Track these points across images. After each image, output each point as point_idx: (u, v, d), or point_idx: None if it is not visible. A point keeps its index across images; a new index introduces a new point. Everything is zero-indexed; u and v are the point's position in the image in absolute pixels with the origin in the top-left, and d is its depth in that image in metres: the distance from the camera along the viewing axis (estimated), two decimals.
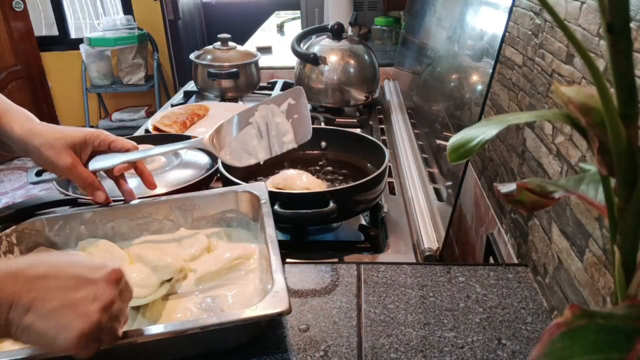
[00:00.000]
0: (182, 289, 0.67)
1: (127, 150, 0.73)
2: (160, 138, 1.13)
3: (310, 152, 1.10)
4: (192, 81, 1.69)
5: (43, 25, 3.83)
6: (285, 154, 1.06)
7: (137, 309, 0.64)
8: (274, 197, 0.78)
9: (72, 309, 0.45)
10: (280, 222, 0.78)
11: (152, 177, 0.76)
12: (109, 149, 0.73)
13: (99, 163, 0.72)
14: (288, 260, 0.80)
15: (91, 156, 0.73)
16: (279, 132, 0.78)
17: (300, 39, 1.50)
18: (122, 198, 0.75)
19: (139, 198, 0.77)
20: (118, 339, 0.50)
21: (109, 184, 0.74)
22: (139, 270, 0.65)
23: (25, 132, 0.68)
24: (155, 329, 0.52)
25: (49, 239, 0.73)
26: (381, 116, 1.53)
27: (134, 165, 0.74)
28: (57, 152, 0.68)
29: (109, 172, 0.74)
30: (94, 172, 0.72)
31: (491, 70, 0.78)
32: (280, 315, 0.53)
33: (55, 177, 0.73)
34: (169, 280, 0.67)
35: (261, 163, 0.78)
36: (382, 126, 1.45)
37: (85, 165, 0.72)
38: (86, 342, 0.46)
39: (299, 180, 0.90)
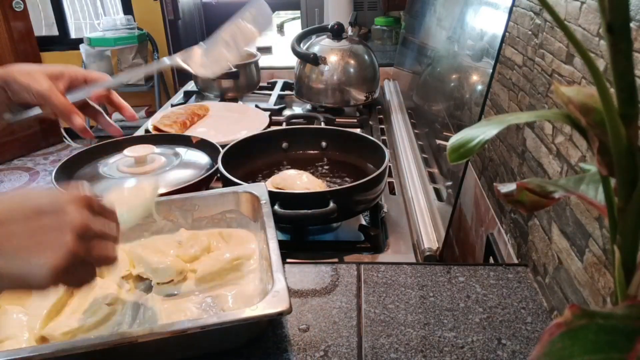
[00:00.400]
0: (182, 290, 0.67)
1: None
2: (160, 138, 1.13)
3: (310, 152, 1.10)
4: (192, 81, 1.69)
5: (43, 25, 3.83)
6: (285, 154, 1.06)
7: (137, 308, 0.64)
8: (274, 197, 0.78)
9: (39, 243, 0.42)
10: (280, 222, 0.78)
11: (130, 107, 0.75)
12: (84, 83, 0.71)
13: (75, 95, 0.71)
14: (288, 260, 0.80)
15: (68, 91, 0.71)
16: (246, 37, 0.78)
17: (300, 39, 1.50)
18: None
19: None
20: (113, 259, 0.47)
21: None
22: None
23: (4, 68, 0.68)
24: (155, 329, 0.52)
25: None
26: (381, 116, 1.53)
27: (110, 98, 0.73)
28: (34, 77, 0.67)
29: (87, 110, 0.73)
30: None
31: (491, 70, 0.78)
32: (280, 315, 0.53)
33: (35, 113, 0.71)
34: (168, 283, 0.67)
35: (232, 67, 0.79)
36: (382, 126, 1.45)
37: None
38: (65, 275, 0.42)
39: (299, 180, 0.90)
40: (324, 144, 1.10)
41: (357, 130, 1.17)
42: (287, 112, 1.48)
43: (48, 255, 0.42)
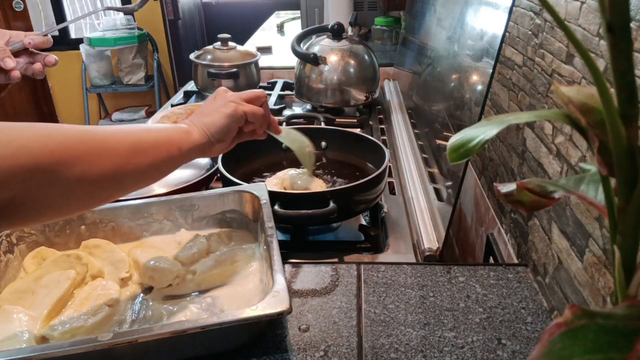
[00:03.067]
0: (182, 290, 0.67)
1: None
2: None
3: None
4: (192, 81, 1.69)
5: (43, 25, 3.83)
6: (285, 154, 1.06)
7: (137, 309, 0.64)
8: (274, 197, 0.78)
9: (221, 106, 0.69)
10: (280, 222, 0.78)
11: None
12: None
13: (13, 45, 0.80)
14: (288, 260, 0.80)
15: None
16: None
17: (300, 39, 1.50)
18: (123, 199, 0.74)
19: (139, 198, 0.77)
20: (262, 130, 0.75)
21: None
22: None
23: None
24: (155, 329, 0.52)
25: (49, 239, 0.73)
26: (381, 116, 1.53)
27: (44, 46, 0.83)
28: None
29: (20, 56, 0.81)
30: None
31: (491, 70, 0.78)
32: (280, 315, 0.53)
33: None
34: (167, 287, 0.67)
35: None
36: (382, 126, 1.45)
37: None
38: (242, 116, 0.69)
39: (299, 180, 0.90)
40: (324, 144, 1.10)
41: (357, 130, 1.17)
42: (287, 112, 1.48)
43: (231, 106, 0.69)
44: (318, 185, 0.90)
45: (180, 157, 0.61)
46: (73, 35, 3.86)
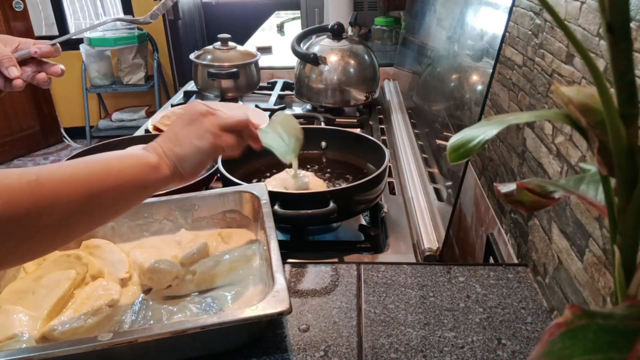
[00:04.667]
0: (182, 291, 0.67)
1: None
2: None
3: (311, 152, 1.10)
4: (192, 81, 1.69)
5: (43, 25, 3.83)
6: None
7: (137, 309, 0.64)
8: (274, 197, 0.78)
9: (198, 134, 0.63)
10: (280, 222, 0.78)
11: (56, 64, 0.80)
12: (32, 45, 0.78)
13: (20, 53, 0.77)
14: (288, 260, 0.80)
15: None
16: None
17: (300, 39, 1.50)
18: None
19: None
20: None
21: None
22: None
23: None
24: (155, 329, 0.52)
25: None
26: (381, 116, 1.53)
27: (51, 55, 0.78)
28: None
29: (27, 65, 0.77)
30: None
31: (491, 70, 0.78)
32: (280, 315, 0.53)
33: None
34: (167, 288, 0.67)
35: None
36: (382, 126, 1.45)
37: None
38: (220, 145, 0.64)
39: (300, 180, 0.90)
40: (324, 144, 1.10)
41: (357, 130, 1.17)
42: (287, 112, 1.47)
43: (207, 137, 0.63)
44: (318, 185, 0.90)
45: (146, 194, 0.58)
46: None
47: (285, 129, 0.79)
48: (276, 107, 1.50)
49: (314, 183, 0.90)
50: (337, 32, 1.46)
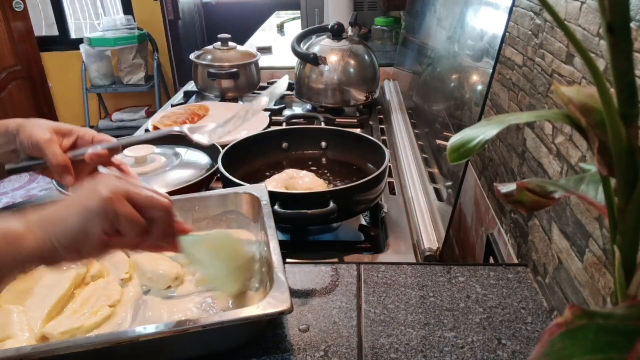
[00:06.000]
0: (182, 291, 0.67)
1: None
2: (160, 138, 1.13)
3: (311, 152, 1.10)
4: (192, 81, 1.69)
5: (43, 25, 3.83)
6: (285, 154, 1.06)
7: (137, 309, 0.64)
8: (274, 197, 0.78)
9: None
10: (280, 222, 0.78)
11: (127, 166, 0.71)
12: (91, 142, 0.68)
13: (76, 152, 0.67)
14: (288, 260, 0.80)
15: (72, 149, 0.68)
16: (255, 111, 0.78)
17: (300, 39, 1.50)
18: None
19: None
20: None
21: None
22: None
23: (23, 120, 0.66)
24: (157, 327, 0.52)
25: None
26: (381, 116, 1.53)
27: (110, 160, 0.69)
28: (41, 128, 0.64)
29: (83, 168, 0.68)
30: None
31: (491, 70, 0.78)
32: (282, 314, 0.53)
33: (34, 163, 0.65)
34: (166, 289, 0.67)
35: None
36: (382, 126, 1.45)
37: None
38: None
39: (301, 180, 0.90)
40: (324, 144, 1.10)
41: (357, 130, 1.17)
42: (287, 112, 1.48)
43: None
44: (318, 185, 0.90)
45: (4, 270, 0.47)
46: (73, 35, 3.86)
47: (221, 254, 0.61)
48: (276, 107, 1.50)
49: (314, 183, 0.90)
50: (337, 32, 1.46)
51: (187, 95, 1.67)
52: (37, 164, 0.65)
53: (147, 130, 1.30)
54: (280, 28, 2.67)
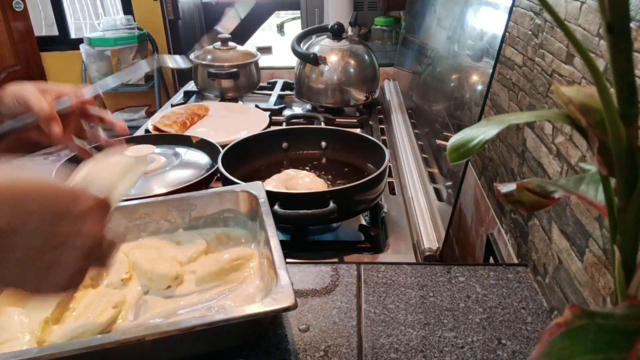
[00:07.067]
0: (183, 291, 0.67)
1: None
2: (160, 138, 1.13)
3: (310, 152, 1.10)
4: (192, 81, 1.69)
5: (43, 25, 3.83)
6: (285, 154, 1.06)
7: (138, 309, 0.64)
8: (274, 197, 0.78)
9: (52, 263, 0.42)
10: (280, 222, 0.78)
11: (108, 114, 0.74)
12: (74, 95, 0.73)
13: (61, 103, 0.70)
14: (288, 260, 0.80)
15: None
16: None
17: (300, 39, 1.50)
18: (126, 198, 0.72)
19: (137, 199, 0.77)
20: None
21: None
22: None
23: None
24: (162, 327, 0.52)
25: None
26: (381, 116, 1.53)
27: (94, 105, 0.73)
28: (22, 87, 0.67)
29: (69, 121, 0.71)
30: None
31: (491, 70, 0.78)
32: (287, 310, 0.52)
33: (23, 123, 0.67)
34: (166, 289, 0.67)
35: None
36: (382, 126, 1.45)
37: None
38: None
39: (301, 180, 0.90)
40: (324, 144, 1.10)
41: (357, 130, 1.17)
42: (287, 112, 1.48)
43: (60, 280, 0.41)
44: (318, 185, 0.90)
45: None
46: (73, 35, 3.86)
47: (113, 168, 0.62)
48: (276, 107, 1.50)
49: (314, 183, 0.90)
50: (337, 32, 1.46)
51: (187, 95, 1.66)
52: (24, 125, 0.65)
53: (147, 131, 1.30)
54: (280, 28, 2.67)
